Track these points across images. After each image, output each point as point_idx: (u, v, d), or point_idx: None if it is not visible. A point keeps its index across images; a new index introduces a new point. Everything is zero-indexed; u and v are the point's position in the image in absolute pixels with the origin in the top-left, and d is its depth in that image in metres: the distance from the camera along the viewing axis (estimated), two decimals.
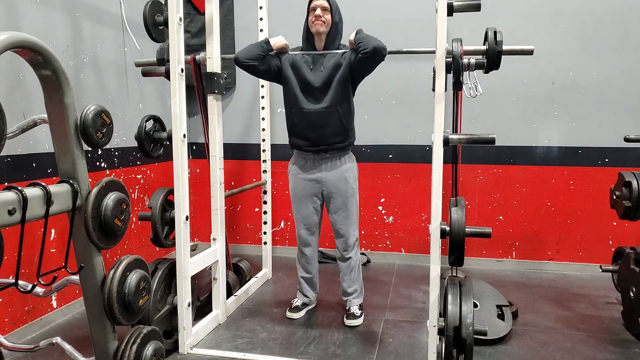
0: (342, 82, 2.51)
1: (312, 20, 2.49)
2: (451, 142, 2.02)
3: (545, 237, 3.72)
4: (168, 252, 3.53)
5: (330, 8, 2.48)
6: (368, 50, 2.35)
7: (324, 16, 2.47)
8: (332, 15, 2.49)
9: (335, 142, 2.58)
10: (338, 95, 2.51)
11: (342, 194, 2.66)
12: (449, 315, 1.94)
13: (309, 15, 2.51)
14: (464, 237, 2.00)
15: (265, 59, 2.54)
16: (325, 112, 2.52)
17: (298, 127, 2.59)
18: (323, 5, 2.47)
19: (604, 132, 3.53)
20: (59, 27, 2.76)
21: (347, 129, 2.60)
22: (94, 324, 1.61)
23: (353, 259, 2.74)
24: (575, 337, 2.56)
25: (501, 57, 2.11)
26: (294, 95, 2.55)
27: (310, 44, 2.57)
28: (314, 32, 2.50)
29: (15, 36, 1.26)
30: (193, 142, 4.15)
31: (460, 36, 2.18)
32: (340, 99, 2.52)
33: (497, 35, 2.09)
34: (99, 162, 3.06)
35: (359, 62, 2.44)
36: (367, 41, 2.37)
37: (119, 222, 1.58)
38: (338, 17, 2.53)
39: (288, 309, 2.85)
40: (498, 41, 2.09)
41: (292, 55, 2.59)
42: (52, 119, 1.49)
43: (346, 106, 2.56)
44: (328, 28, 2.50)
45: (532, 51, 2.16)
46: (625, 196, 2.50)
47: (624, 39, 3.46)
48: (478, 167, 3.72)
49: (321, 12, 2.46)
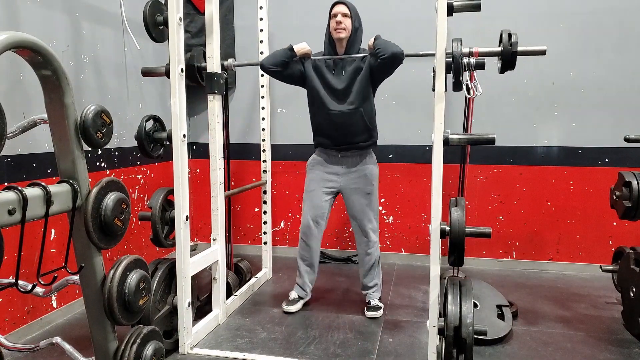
0: (363, 85, 2.64)
1: (333, 27, 2.63)
2: (451, 142, 2.03)
3: (545, 237, 3.72)
4: (168, 252, 3.53)
5: (350, 14, 2.62)
6: (387, 56, 2.50)
7: (344, 22, 2.60)
8: (352, 21, 2.63)
9: (359, 141, 2.73)
10: (360, 96, 2.64)
11: (360, 191, 2.78)
12: (449, 315, 1.94)
13: (330, 22, 2.65)
14: (464, 237, 2.00)
15: (289, 64, 2.69)
16: (348, 113, 2.65)
17: (324, 127, 2.75)
18: (343, 12, 2.61)
19: (604, 132, 3.53)
20: (59, 27, 2.76)
21: (370, 128, 2.74)
22: (94, 324, 1.61)
23: (373, 255, 2.84)
24: (575, 337, 2.56)
25: (516, 58, 2.16)
26: (319, 98, 2.69)
27: (332, 48, 2.70)
28: (335, 38, 2.65)
29: (15, 36, 1.26)
30: (193, 142, 4.15)
31: (460, 36, 2.18)
32: (362, 100, 2.65)
33: (512, 37, 2.14)
34: (99, 162, 3.06)
35: (379, 66, 2.58)
36: (386, 47, 2.51)
37: (119, 222, 1.58)
38: (358, 22, 2.67)
39: (284, 302, 2.92)
40: (513, 42, 2.13)
41: (315, 59, 2.72)
42: (52, 119, 1.49)
43: (369, 106, 2.70)
44: (349, 34, 2.64)
45: (545, 51, 2.20)
46: (625, 196, 2.50)
47: (624, 39, 3.46)
48: (478, 167, 3.72)
49: (342, 18, 2.60)
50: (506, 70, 2.23)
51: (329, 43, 2.71)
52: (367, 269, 2.86)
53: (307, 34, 3.89)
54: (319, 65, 2.70)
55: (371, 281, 2.88)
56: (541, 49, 2.20)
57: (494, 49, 2.20)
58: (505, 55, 2.16)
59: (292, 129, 3.99)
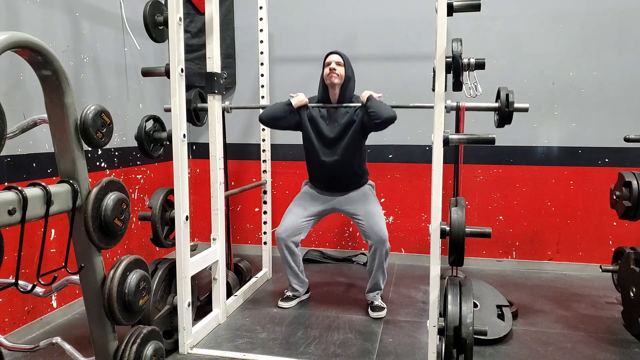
0: (354, 138, 2.77)
1: (327, 74, 2.73)
2: (451, 142, 2.03)
3: (545, 237, 3.72)
4: (168, 252, 3.52)
5: (343, 63, 2.73)
6: (380, 121, 2.62)
7: (338, 69, 2.70)
8: (346, 69, 2.74)
9: (349, 184, 2.90)
10: (351, 149, 2.77)
11: (360, 201, 2.86)
12: (449, 315, 1.94)
13: (324, 69, 2.75)
14: (464, 237, 1.99)
15: (287, 117, 2.79)
16: (339, 163, 2.79)
17: (316, 173, 2.93)
18: (337, 61, 2.72)
19: (604, 132, 3.52)
20: (59, 27, 2.76)
21: (360, 173, 2.90)
22: (94, 324, 1.62)
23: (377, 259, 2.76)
24: (575, 337, 2.56)
25: (512, 115, 2.31)
26: (312, 147, 2.83)
27: (326, 94, 2.80)
28: (328, 84, 2.75)
29: (15, 36, 1.26)
30: (193, 142, 4.15)
31: (460, 36, 2.18)
32: (353, 152, 2.80)
33: (509, 97, 2.28)
34: (99, 162, 3.06)
35: (371, 126, 2.71)
36: (379, 112, 2.61)
37: (119, 222, 1.58)
38: (351, 72, 2.78)
39: (280, 299, 2.98)
40: (510, 102, 2.28)
41: (310, 109, 2.83)
42: (52, 119, 1.49)
43: (359, 156, 2.85)
44: (342, 81, 2.74)
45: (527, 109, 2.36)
46: (625, 196, 2.50)
47: (624, 39, 3.46)
48: (478, 167, 3.72)
49: (335, 66, 2.70)
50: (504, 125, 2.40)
51: (323, 90, 2.80)
52: (372, 269, 2.80)
53: (307, 34, 3.91)
54: (314, 115, 2.81)
55: (376, 283, 2.85)
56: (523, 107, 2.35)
57: (491, 105, 2.37)
58: (502, 112, 2.32)
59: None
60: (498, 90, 2.37)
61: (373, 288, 2.86)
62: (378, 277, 2.81)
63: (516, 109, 2.31)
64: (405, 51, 3.77)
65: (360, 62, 3.85)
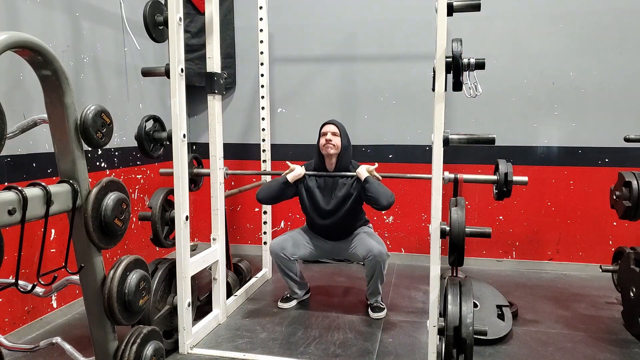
0: (352, 207, 2.81)
1: (323, 144, 2.78)
2: (451, 142, 2.03)
3: (545, 237, 3.72)
4: (168, 252, 3.52)
5: (339, 133, 2.77)
6: (378, 207, 2.69)
7: (334, 140, 2.75)
8: (342, 139, 2.77)
9: (347, 234, 2.92)
10: (349, 216, 2.83)
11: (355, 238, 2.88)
12: (449, 315, 1.94)
13: (320, 139, 2.80)
14: (464, 237, 2.00)
15: (284, 194, 2.82)
16: (336, 226, 2.85)
17: (314, 228, 2.95)
18: (333, 131, 2.77)
19: (604, 132, 3.52)
20: (59, 27, 2.76)
21: (357, 226, 2.94)
22: (94, 324, 1.61)
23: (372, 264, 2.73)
24: (575, 337, 2.56)
25: (511, 187, 2.38)
26: (308, 214, 2.89)
27: (322, 163, 2.85)
28: (325, 154, 2.80)
29: (15, 36, 1.26)
30: (193, 142, 4.15)
31: (460, 36, 2.18)
32: (352, 217, 2.86)
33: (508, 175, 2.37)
34: (99, 162, 3.06)
35: (369, 204, 2.74)
36: (378, 199, 2.64)
37: (119, 222, 1.58)
38: (347, 140, 2.82)
39: (280, 300, 2.99)
40: (509, 181, 2.37)
41: (307, 179, 2.86)
42: (52, 119, 1.48)
43: (354, 220, 2.90)
44: (338, 151, 2.78)
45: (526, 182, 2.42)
46: (625, 196, 2.50)
47: (624, 39, 3.46)
48: (478, 167, 3.72)
49: (331, 137, 2.76)
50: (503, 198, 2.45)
51: (319, 158, 2.84)
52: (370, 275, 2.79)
53: (307, 34, 3.91)
54: (310, 187, 2.84)
55: (376, 288, 2.84)
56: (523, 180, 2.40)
57: (489, 177, 2.45)
58: (500, 185, 2.38)
59: (292, 129, 3.99)
60: (497, 162, 2.42)
61: (372, 293, 2.86)
62: (376, 284, 2.80)
63: (515, 182, 2.37)
64: (405, 51, 3.77)
65: (360, 62, 3.86)
